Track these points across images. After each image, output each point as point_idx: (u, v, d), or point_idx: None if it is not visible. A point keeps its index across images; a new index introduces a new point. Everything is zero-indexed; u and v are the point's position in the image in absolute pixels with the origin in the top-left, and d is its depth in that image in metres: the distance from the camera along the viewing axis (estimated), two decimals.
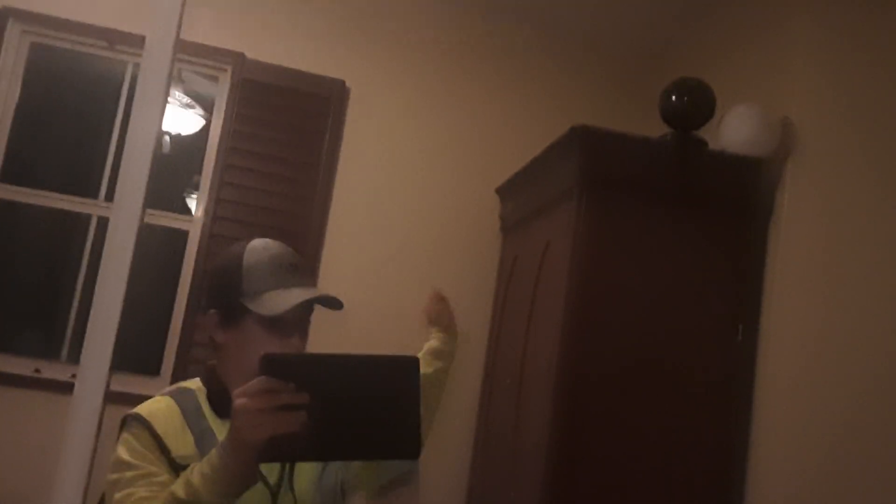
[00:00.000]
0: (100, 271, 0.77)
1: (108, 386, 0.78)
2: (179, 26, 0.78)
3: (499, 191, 3.48)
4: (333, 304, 1.50)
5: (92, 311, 0.77)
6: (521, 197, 3.25)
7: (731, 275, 2.58)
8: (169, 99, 3.56)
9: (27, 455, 3.07)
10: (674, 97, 2.62)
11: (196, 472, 1.23)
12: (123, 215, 0.77)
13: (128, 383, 2.89)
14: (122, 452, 1.39)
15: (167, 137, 3.62)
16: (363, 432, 1.15)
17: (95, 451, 0.79)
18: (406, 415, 1.15)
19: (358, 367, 1.17)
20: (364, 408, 1.14)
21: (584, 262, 2.53)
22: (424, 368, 1.83)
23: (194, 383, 1.55)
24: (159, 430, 1.41)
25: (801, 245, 2.47)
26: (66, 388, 3.12)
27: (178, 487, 1.24)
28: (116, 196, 0.78)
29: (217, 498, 1.21)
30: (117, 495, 1.34)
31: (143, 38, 3.15)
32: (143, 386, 2.89)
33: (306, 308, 1.49)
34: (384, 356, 1.14)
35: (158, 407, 1.46)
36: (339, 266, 3.41)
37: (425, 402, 1.24)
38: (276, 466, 1.46)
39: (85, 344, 0.77)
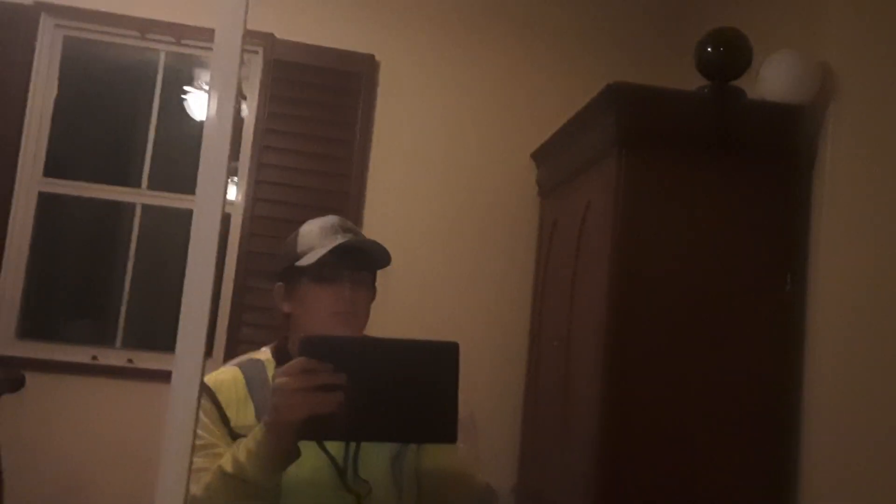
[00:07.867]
0: (188, 262, 0.80)
1: (203, 373, 0.81)
2: (246, 16, 0.80)
3: (534, 155, 3.47)
4: (374, 250, 1.56)
5: (183, 301, 0.80)
6: (557, 159, 3.24)
7: (776, 224, 2.57)
8: (203, 86, 3.59)
9: (93, 439, 3.16)
10: (710, 48, 2.59)
11: (242, 448, 1.28)
12: (206, 206, 0.79)
13: None
14: None
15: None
16: (400, 415, 1.17)
17: (195, 436, 0.82)
18: (443, 400, 1.18)
19: (397, 350, 1.20)
20: (401, 391, 1.17)
21: (627, 218, 2.53)
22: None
23: (264, 354, 1.60)
24: (222, 399, 1.47)
25: (846, 191, 2.45)
26: (123, 373, 3.23)
27: (226, 462, 1.30)
28: (198, 188, 0.80)
29: (261, 473, 1.25)
30: None
31: (172, 26, 3.15)
32: None
33: (352, 257, 1.54)
34: (424, 341, 1.16)
35: (225, 377, 1.52)
36: (379, 239, 3.41)
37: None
38: (341, 448, 1.47)
39: (179, 333, 0.80)
